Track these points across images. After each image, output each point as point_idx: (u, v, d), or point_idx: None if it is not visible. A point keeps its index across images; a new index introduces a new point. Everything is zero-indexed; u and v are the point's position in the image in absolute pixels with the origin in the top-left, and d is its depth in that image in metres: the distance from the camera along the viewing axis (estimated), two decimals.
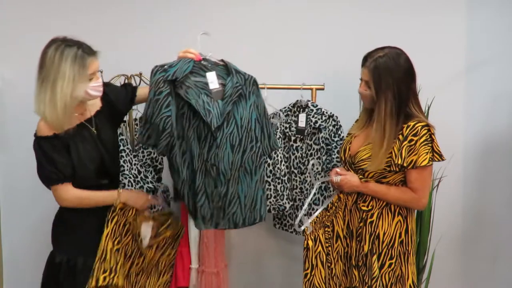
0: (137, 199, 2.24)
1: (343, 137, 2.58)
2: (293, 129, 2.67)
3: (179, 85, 2.10)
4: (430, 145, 2.13)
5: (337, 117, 2.60)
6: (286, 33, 2.88)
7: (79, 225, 2.17)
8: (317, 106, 2.62)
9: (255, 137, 2.19)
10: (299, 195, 2.70)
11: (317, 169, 2.62)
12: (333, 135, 2.59)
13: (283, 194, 2.62)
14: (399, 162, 2.12)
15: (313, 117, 2.61)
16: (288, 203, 2.63)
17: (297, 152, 2.69)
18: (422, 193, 2.17)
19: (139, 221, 2.23)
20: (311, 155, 2.65)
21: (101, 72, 2.55)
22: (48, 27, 2.23)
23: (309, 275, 2.23)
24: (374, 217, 2.19)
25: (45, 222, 2.24)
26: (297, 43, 2.88)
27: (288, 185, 2.64)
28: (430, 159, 2.12)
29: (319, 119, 2.60)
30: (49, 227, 2.24)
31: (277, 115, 2.69)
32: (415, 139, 2.11)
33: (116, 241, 2.15)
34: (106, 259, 2.12)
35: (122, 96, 2.32)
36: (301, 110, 2.65)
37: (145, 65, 2.48)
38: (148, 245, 2.29)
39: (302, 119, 2.64)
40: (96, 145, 2.17)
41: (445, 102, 2.81)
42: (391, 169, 2.16)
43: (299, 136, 2.67)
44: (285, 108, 2.70)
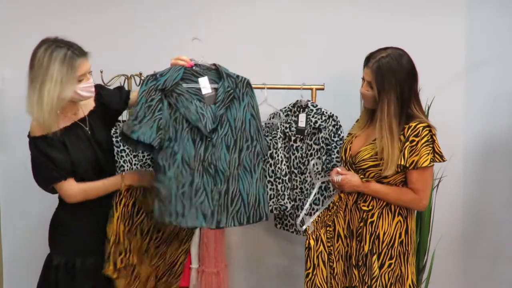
0: (143, 178, 2.23)
1: (343, 137, 2.57)
2: (293, 129, 2.67)
3: (169, 93, 2.11)
4: (431, 146, 2.12)
5: (337, 117, 2.60)
6: (286, 33, 2.88)
7: (76, 225, 2.15)
8: (317, 106, 2.62)
9: (251, 136, 2.20)
10: (299, 195, 2.70)
11: (318, 169, 2.62)
12: (333, 135, 2.59)
13: (284, 194, 2.61)
14: (402, 163, 2.11)
15: (313, 117, 2.61)
16: (289, 203, 2.62)
17: (297, 152, 2.69)
18: (423, 194, 2.16)
19: (151, 199, 2.21)
20: (311, 155, 2.65)
21: (101, 72, 2.55)
22: (48, 27, 2.22)
23: (310, 275, 2.22)
24: (374, 217, 2.19)
25: (45, 222, 2.23)
26: (297, 43, 2.88)
27: (289, 185, 2.64)
28: (431, 160, 2.11)
29: (319, 119, 2.60)
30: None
31: (277, 115, 2.69)
32: (417, 139, 2.10)
33: (127, 223, 2.16)
34: (120, 242, 2.13)
35: (116, 97, 2.29)
36: (301, 110, 2.65)
37: (145, 65, 2.49)
38: None
39: (302, 119, 2.64)
40: (90, 144, 2.15)
41: (445, 102, 2.81)
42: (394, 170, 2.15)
43: (299, 136, 2.67)
44: (285, 108, 2.70)
